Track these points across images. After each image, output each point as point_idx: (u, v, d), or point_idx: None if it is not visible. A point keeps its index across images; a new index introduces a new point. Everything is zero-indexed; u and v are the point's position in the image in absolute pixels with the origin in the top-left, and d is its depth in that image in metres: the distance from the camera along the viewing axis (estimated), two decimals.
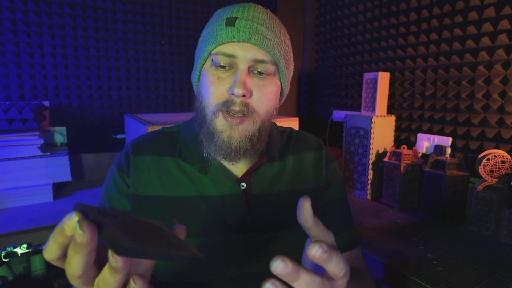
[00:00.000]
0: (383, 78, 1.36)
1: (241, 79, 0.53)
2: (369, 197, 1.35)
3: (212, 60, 0.56)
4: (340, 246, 0.68)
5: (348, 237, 0.70)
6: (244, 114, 0.55)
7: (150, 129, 1.12)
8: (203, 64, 0.59)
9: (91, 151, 1.73)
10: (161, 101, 1.94)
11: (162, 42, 1.89)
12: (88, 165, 1.71)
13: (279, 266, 0.30)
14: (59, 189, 1.46)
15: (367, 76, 1.40)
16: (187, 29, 1.96)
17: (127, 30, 1.79)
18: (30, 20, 1.56)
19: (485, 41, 1.17)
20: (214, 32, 0.56)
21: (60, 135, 1.54)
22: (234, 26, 0.53)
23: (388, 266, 0.84)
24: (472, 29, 1.21)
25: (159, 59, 1.89)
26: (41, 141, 1.30)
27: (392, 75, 1.47)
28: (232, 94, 0.54)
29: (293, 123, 1.42)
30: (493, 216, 0.99)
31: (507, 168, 1.04)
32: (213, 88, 0.55)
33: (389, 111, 1.50)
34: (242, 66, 0.54)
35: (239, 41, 0.54)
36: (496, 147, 1.16)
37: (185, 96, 2.01)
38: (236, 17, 0.54)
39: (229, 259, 0.60)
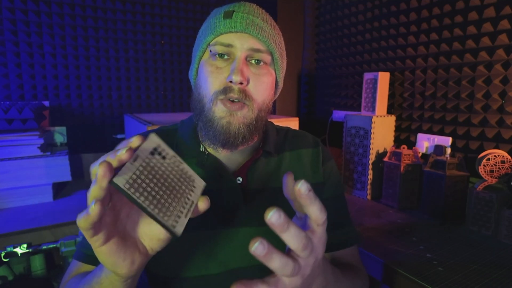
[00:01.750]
0: (383, 78, 1.36)
1: (238, 67, 0.55)
2: (369, 197, 1.35)
3: (211, 50, 0.58)
4: (336, 244, 0.69)
5: (344, 234, 0.70)
6: (242, 102, 0.57)
7: (150, 129, 1.12)
8: (202, 56, 0.61)
9: (91, 151, 1.73)
10: (161, 101, 1.94)
11: (162, 42, 1.89)
12: (88, 165, 1.71)
13: (274, 216, 0.33)
14: (59, 189, 1.46)
15: (367, 76, 1.40)
16: (187, 29, 1.96)
17: (127, 30, 1.79)
18: (30, 20, 1.56)
19: (485, 41, 1.17)
20: (213, 25, 0.58)
21: (60, 135, 1.54)
22: (231, 18, 0.57)
23: (388, 266, 0.84)
24: (472, 29, 1.21)
25: (159, 59, 1.89)
26: (41, 141, 1.30)
27: (392, 75, 1.47)
28: (231, 81, 0.55)
29: (293, 123, 1.42)
30: (493, 216, 0.99)
31: (507, 168, 1.04)
32: (212, 77, 0.57)
33: (389, 111, 1.50)
34: (240, 54, 0.57)
35: (237, 31, 0.57)
36: (496, 147, 1.16)
37: (185, 96, 2.01)
38: (233, 11, 0.57)
39: (227, 252, 0.61)
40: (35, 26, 1.57)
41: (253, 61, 0.58)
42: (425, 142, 1.33)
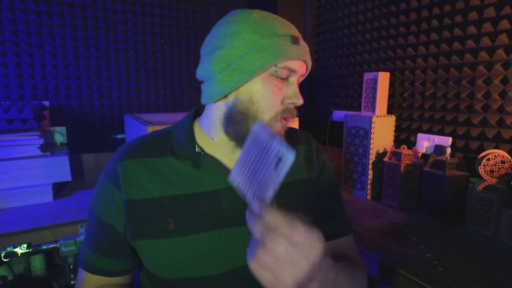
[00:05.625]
0: (383, 78, 1.36)
1: (298, 91, 0.62)
2: (369, 197, 1.35)
3: (276, 71, 0.59)
4: (331, 233, 0.72)
5: (339, 224, 0.74)
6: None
7: (150, 129, 1.12)
8: (258, 72, 0.58)
9: (91, 151, 1.73)
10: (161, 101, 1.94)
11: (162, 42, 1.89)
12: (88, 165, 1.71)
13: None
14: (59, 189, 1.46)
15: (367, 76, 1.40)
16: (187, 29, 1.95)
17: (127, 30, 1.79)
18: (30, 20, 1.56)
19: (485, 41, 1.17)
20: (281, 47, 0.58)
21: (60, 135, 1.54)
22: (299, 45, 0.60)
23: (388, 266, 0.84)
24: (472, 29, 1.21)
25: (159, 59, 1.89)
26: (41, 141, 1.30)
27: (392, 75, 1.47)
28: (293, 103, 0.61)
29: (293, 123, 1.41)
30: (493, 216, 0.99)
31: (507, 168, 1.04)
32: (275, 98, 0.60)
33: (389, 111, 1.50)
34: (297, 79, 0.62)
35: (300, 59, 0.61)
36: (496, 147, 1.16)
37: (185, 96, 2.01)
38: (297, 36, 0.60)
39: (228, 252, 0.61)
40: (35, 26, 1.57)
41: None
42: (425, 142, 1.33)
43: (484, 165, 1.06)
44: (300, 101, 0.61)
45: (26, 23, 1.55)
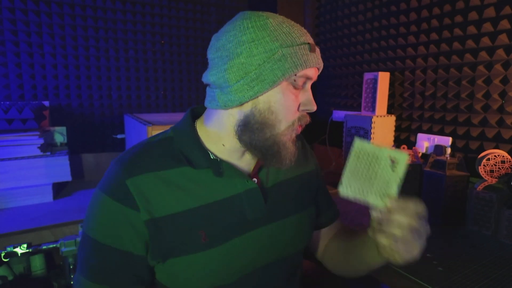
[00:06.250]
0: (383, 78, 1.36)
1: (312, 98, 0.62)
2: None
3: (295, 80, 0.59)
4: (333, 217, 0.84)
5: (335, 210, 0.85)
6: None
7: (150, 129, 1.12)
8: (278, 82, 0.57)
9: (91, 151, 1.73)
10: (161, 101, 1.94)
11: (162, 42, 1.89)
12: (88, 165, 1.71)
13: None
14: (59, 189, 1.46)
15: (367, 76, 1.40)
16: (187, 29, 1.95)
17: (127, 30, 1.79)
18: (30, 20, 1.56)
19: (485, 41, 1.17)
20: (300, 56, 0.57)
21: (60, 135, 1.54)
22: (315, 52, 0.60)
23: (387, 266, 0.84)
24: (472, 29, 1.21)
25: (159, 59, 1.89)
26: (41, 141, 1.30)
27: (392, 75, 1.47)
28: (307, 110, 0.62)
29: None
30: (493, 216, 0.99)
31: (507, 168, 1.04)
32: (292, 107, 0.60)
33: (389, 111, 1.50)
34: (310, 86, 0.62)
35: (316, 67, 0.61)
36: (496, 147, 1.16)
37: (185, 96, 2.01)
38: (313, 44, 0.60)
39: (253, 254, 0.63)
40: (35, 26, 1.57)
41: None
42: (425, 142, 1.33)
43: (484, 165, 1.06)
44: (314, 107, 0.61)
45: (26, 23, 1.55)
